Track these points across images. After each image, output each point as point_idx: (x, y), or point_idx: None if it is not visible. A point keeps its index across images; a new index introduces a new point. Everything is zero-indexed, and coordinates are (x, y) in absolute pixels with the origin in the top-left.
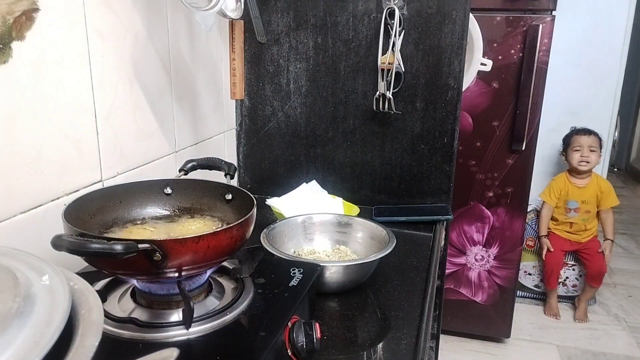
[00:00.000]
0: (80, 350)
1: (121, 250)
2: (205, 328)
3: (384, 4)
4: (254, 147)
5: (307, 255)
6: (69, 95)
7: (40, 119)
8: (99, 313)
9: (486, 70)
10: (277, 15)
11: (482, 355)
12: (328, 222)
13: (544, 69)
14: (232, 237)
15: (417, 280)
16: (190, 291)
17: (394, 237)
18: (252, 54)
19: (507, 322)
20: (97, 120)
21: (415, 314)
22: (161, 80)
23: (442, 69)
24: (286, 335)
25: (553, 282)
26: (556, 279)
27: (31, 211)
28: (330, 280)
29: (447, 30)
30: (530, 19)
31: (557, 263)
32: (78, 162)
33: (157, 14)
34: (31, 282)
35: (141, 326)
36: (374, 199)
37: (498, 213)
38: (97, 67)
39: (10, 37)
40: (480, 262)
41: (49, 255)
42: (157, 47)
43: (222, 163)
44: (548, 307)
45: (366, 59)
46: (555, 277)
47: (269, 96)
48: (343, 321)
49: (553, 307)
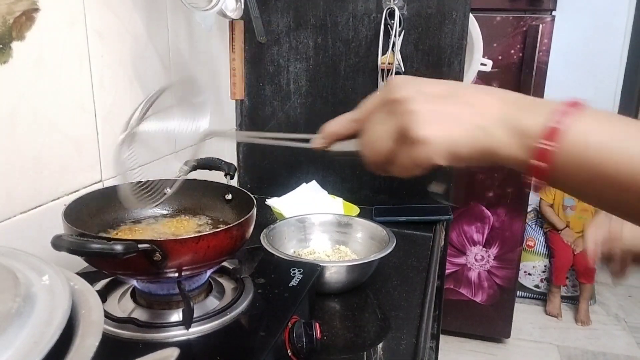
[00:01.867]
0: (80, 350)
1: (121, 250)
2: (205, 328)
3: (384, 4)
4: (254, 147)
5: (307, 255)
6: (69, 95)
7: (40, 119)
8: (99, 313)
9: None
10: (277, 15)
11: (482, 355)
12: (328, 222)
13: (544, 69)
14: (232, 237)
15: (417, 280)
16: (190, 291)
17: (394, 237)
18: (252, 54)
19: (507, 322)
20: (97, 120)
21: (415, 314)
22: (161, 80)
23: (442, 69)
24: (286, 335)
25: (562, 277)
26: (565, 275)
27: (31, 211)
28: (330, 280)
29: (447, 30)
30: (530, 19)
31: (566, 259)
32: (78, 162)
33: (157, 14)
34: (31, 282)
35: (141, 326)
36: (374, 199)
37: (498, 213)
38: (97, 67)
39: (10, 37)
40: (480, 262)
41: (49, 255)
42: (157, 47)
43: (222, 163)
44: (551, 305)
45: (366, 59)
46: (564, 272)
47: (269, 96)
48: (343, 321)
49: (556, 306)
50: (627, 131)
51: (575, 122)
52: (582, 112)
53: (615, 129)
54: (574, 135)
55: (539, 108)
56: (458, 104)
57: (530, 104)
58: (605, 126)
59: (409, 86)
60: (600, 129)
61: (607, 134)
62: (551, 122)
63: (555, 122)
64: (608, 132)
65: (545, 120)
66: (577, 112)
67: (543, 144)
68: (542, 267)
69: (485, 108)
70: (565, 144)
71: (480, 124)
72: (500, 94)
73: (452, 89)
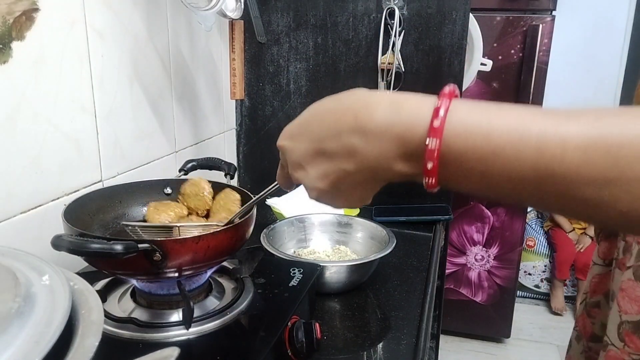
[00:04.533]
0: (80, 350)
1: (121, 250)
2: (205, 328)
3: (384, 4)
4: (254, 147)
5: (307, 255)
6: (69, 95)
7: (40, 119)
8: (99, 313)
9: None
10: (277, 15)
11: (482, 355)
12: (328, 222)
13: (544, 69)
14: (232, 237)
15: (417, 280)
16: (190, 291)
17: (394, 237)
18: (252, 54)
19: (507, 322)
20: (97, 120)
21: (415, 314)
22: (161, 80)
23: (442, 69)
24: (286, 335)
25: (565, 271)
26: (567, 268)
27: (31, 211)
28: (330, 280)
29: (447, 30)
30: (530, 19)
31: (569, 252)
32: (78, 162)
33: (157, 14)
34: (31, 282)
35: (141, 326)
36: (374, 199)
37: (498, 213)
38: (97, 67)
39: (10, 37)
40: (480, 262)
41: (49, 255)
42: (157, 47)
43: (222, 163)
44: (555, 300)
45: (366, 59)
46: (567, 266)
47: (269, 96)
48: (343, 321)
49: (560, 301)
50: (501, 109)
51: (451, 112)
52: (454, 102)
53: (490, 109)
54: (454, 121)
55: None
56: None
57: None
58: (479, 109)
59: (291, 146)
60: (474, 112)
61: (483, 114)
62: (428, 122)
63: (433, 120)
64: (484, 113)
65: (424, 126)
66: (449, 103)
67: (427, 144)
68: (542, 267)
69: (365, 160)
70: (447, 132)
71: (368, 186)
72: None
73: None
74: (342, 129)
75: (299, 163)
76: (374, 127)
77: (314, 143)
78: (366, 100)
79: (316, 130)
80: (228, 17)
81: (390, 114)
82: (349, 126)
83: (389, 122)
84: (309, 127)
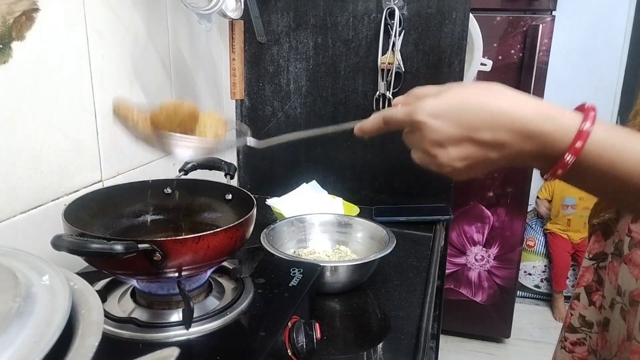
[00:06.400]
0: (80, 350)
1: (121, 250)
2: (205, 328)
3: (384, 4)
4: (254, 147)
5: (307, 255)
6: (69, 95)
7: (40, 119)
8: (99, 313)
9: (486, 70)
10: (277, 15)
11: (482, 355)
12: (328, 222)
13: (544, 69)
14: (232, 237)
15: (417, 280)
16: (190, 291)
17: (394, 237)
18: (252, 54)
19: (507, 322)
20: (97, 120)
21: (415, 314)
22: (161, 80)
23: (442, 69)
24: (286, 335)
25: (562, 282)
26: (564, 279)
27: (31, 211)
28: (330, 280)
29: (447, 30)
30: (530, 19)
31: (565, 264)
32: (78, 162)
33: (157, 14)
34: (31, 282)
35: (141, 326)
36: (374, 199)
37: (498, 213)
38: (97, 67)
39: (10, 37)
40: (480, 262)
41: (49, 255)
42: (157, 47)
43: (222, 163)
44: (556, 311)
45: (366, 59)
46: (564, 277)
47: (269, 96)
48: (343, 321)
49: (562, 310)
50: (630, 137)
51: (591, 135)
52: (594, 127)
53: (623, 132)
54: (591, 143)
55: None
56: (484, 154)
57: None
58: (612, 133)
59: (436, 126)
60: (609, 137)
61: (615, 140)
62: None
63: (577, 141)
64: (615, 139)
65: (568, 142)
66: (590, 126)
67: (566, 158)
68: (542, 267)
69: (509, 153)
70: (583, 151)
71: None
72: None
73: (469, 132)
74: (499, 127)
75: (441, 142)
76: (528, 132)
77: (466, 131)
78: (519, 105)
79: (469, 120)
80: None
81: (542, 123)
82: (505, 126)
83: (540, 132)
84: (459, 115)
